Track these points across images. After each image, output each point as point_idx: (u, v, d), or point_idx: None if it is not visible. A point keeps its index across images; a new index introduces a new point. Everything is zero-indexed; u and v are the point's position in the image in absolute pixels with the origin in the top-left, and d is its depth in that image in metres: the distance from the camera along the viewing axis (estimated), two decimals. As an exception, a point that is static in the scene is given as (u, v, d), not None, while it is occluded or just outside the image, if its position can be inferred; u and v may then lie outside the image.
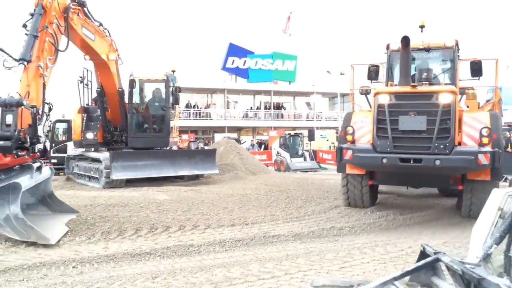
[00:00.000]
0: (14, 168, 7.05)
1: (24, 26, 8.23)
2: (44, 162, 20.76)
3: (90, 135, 13.68)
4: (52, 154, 19.86)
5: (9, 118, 7.19)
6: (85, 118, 13.86)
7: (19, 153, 7.08)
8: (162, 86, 14.29)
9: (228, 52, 44.43)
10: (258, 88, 45.29)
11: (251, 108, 47.40)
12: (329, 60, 46.39)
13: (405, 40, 7.82)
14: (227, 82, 45.64)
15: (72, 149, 17.33)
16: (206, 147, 26.07)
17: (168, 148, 14.81)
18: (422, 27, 9.22)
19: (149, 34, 70.61)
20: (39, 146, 8.10)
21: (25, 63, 7.70)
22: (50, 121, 21.65)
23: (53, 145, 20.13)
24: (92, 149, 14.38)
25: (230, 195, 11.05)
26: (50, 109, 23.57)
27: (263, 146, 32.89)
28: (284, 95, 48.92)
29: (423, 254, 3.04)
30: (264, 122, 44.90)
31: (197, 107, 43.68)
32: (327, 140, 31.93)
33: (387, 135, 7.77)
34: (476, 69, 8.84)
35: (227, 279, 5.21)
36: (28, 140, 7.29)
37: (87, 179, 13.92)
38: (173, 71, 15.55)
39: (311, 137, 26.50)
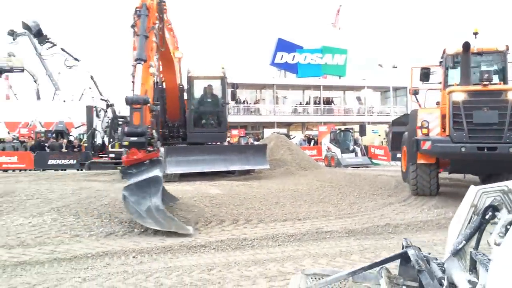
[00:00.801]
0: (145, 162, 7.41)
1: (133, 27, 8.67)
2: (102, 157, 21.71)
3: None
4: (109, 149, 20.74)
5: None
6: None
7: (149, 149, 7.45)
8: (219, 83, 14.55)
9: (276, 47, 44.35)
10: (307, 83, 44.94)
11: (300, 103, 47.13)
12: (381, 53, 45.23)
13: (466, 46, 9.05)
14: (276, 78, 45.60)
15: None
16: (256, 143, 26.27)
17: (219, 143, 15.06)
18: (475, 33, 10.06)
19: (199, 31, 71.85)
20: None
21: (142, 62, 8.07)
22: (109, 117, 22.71)
23: (111, 140, 21.00)
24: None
25: (281, 190, 11.07)
26: (108, 106, 24.78)
27: (312, 142, 32.63)
28: (334, 89, 48.21)
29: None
30: (313, 117, 44.52)
31: (247, 103, 43.99)
32: (379, 135, 31.18)
33: (462, 128, 8.77)
34: None
35: (281, 273, 5.23)
36: (155, 135, 7.74)
37: (142, 173, 14.40)
38: (222, 68, 15.76)
39: (362, 132, 25.97)
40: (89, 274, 5.08)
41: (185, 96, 14.63)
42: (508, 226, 2.44)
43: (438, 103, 11.08)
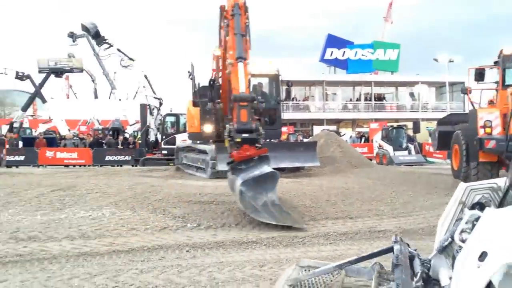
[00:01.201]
0: (254, 158, 7.61)
1: (227, 26, 9.08)
2: (155, 153, 22.38)
3: (208, 128, 13.96)
4: (162, 146, 21.34)
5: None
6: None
7: (257, 145, 7.72)
8: (273, 80, 14.61)
9: (326, 43, 43.83)
10: (358, 79, 44.08)
11: (350, 100, 46.31)
12: (436, 47, 43.57)
13: None
14: (326, 74, 45.07)
15: (180, 141, 18.45)
16: (305, 140, 26.10)
17: (269, 140, 15.09)
18: None
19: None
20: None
21: (242, 61, 8.44)
22: (161, 115, 23.39)
23: (163, 137, 21.61)
24: (198, 141, 15.16)
25: (332, 187, 10.94)
26: (160, 104, 25.44)
27: (363, 139, 31.99)
28: (386, 85, 46.99)
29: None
30: (364, 114, 43.64)
31: (296, 100, 43.78)
32: (434, 132, 30.05)
33: None
34: None
35: (333, 272, 5.18)
36: (263, 132, 8.07)
37: (194, 169, 14.73)
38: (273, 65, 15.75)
39: (416, 129, 25.15)
40: (145, 266, 5.26)
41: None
42: (475, 222, 2.51)
43: (491, 102, 11.49)
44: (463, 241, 2.57)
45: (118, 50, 23.17)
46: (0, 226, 7.14)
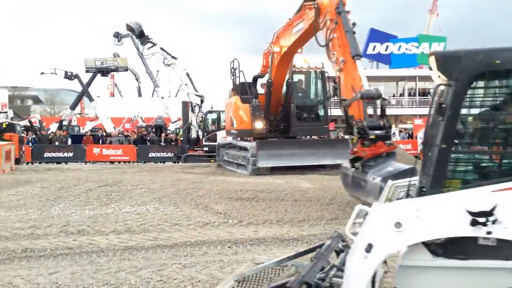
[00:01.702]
0: (382, 155, 7.65)
1: (336, 23, 9.12)
2: (197, 150, 22.67)
3: (259, 125, 13.96)
4: (204, 143, 21.61)
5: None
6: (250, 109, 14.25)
7: (387, 142, 7.76)
8: (320, 76, 14.55)
9: (368, 38, 42.87)
10: (401, 74, 42.93)
11: (393, 95, 45.20)
12: (484, 40, 41.75)
13: None
14: (368, 69, 44.18)
15: (221, 138, 18.62)
16: (347, 136, 25.69)
17: (309, 137, 14.99)
18: None
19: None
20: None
21: (360, 58, 8.66)
22: (202, 112, 23.67)
23: (205, 134, 21.87)
24: (239, 138, 15.24)
25: (374, 185, 10.72)
26: (202, 101, 25.64)
27: (407, 135, 31.13)
28: (431, 80, 45.49)
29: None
30: (408, 110, 42.46)
31: (337, 96, 43.21)
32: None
33: None
34: None
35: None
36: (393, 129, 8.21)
37: (235, 166, 14.84)
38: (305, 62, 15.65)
39: (463, 125, 24.19)
40: (188, 261, 5.36)
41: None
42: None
43: None
44: (354, 234, 2.76)
45: (161, 49, 23.61)
46: (51, 220, 7.47)
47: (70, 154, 21.28)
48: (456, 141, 2.78)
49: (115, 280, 4.69)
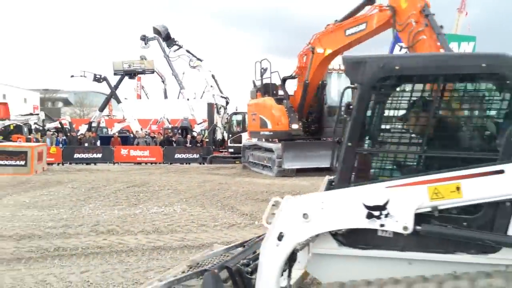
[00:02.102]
0: None
1: (426, 25, 9.50)
2: (222, 151, 22.81)
3: (295, 126, 13.96)
4: (229, 144, 21.73)
5: None
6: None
7: None
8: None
9: (395, 39, 42.25)
10: (429, 74, 42.12)
11: (421, 96, 44.39)
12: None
13: None
14: (395, 70, 43.52)
15: (246, 139, 18.68)
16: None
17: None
18: None
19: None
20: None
21: None
22: (227, 113, 23.81)
23: (230, 135, 21.98)
24: (263, 139, 15.26)
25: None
26: (227, 103, 25.72)
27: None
28: (460, 80, 44.50)
29: None
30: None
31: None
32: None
33: None
34: None
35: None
36: None
37: (260, 167, 14.87)
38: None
39: None
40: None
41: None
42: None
43: None
44: (269, 224, 2.97)
45: (187, 51, 23.86)
46: (82, 219, 7.66)
47: (99, 155, 21.70)
48: (361, 140, 2.99)
49: (144, 280, 4.77)
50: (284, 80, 14.75)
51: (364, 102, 2.91)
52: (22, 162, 15.07)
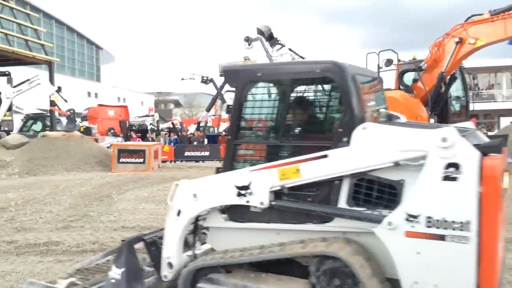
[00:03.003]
0: None
1: None
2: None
3: (432, 120, 13.44)
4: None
5: None
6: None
7: None
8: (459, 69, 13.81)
9: None
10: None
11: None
12: None
13: None
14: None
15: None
16: (490, 133, 23.27)
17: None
18: None
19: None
20: None
21: None
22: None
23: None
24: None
25: None
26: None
27: None
28: None
29: None
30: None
31: (478, 89, 39.31)
32: None
33: None
34: None
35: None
36: None
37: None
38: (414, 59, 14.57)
39: None
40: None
41: None
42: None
43: None
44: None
45: (290, 49, 24.02)
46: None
47: (207, 153, 22.87)
48: (237, 133, 3.68)
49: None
50: (402, 73, 14.27)
51: (238, 102, 3.63)
52: (141, 160, 16.46)
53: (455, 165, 2.79)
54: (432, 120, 13.13)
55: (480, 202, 2.73)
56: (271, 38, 26.20)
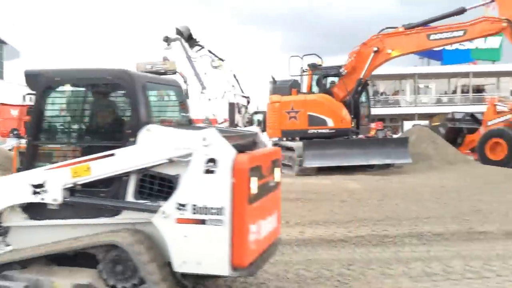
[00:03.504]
0: None
1: None
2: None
3: (352, 123, 14.22)
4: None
5: None
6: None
7: None
8: None
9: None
10: (454, 71, 41.23)
11: (445, 93, 43.56)
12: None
13: None
14: (418, 66, 42.80)
15: (268, 139, 18.68)
16: (394, 136, 25.04)
17: (355, 136, 14.75)
18: None
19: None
20: None
21: None
22: (249, 113, 23.83)
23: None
24: (284, 138, 15.21)
25: (424, 185, 10.42)
26: (248, 102, 25.69)
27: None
28: (486, 76, 43.41)
29: None
30: (460, 108, 40.70)
31: (385, 94, 42.20)
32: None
33: None
34: None
35: (427, 274, 4.95)
36: None
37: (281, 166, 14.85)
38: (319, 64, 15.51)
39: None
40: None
41: None
42: None
43: None
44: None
45: (209, 51, 23.94)
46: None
47: None
48: (36, 135, 3.81)
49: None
50: (324, 77, 14.94)
51: (37, 104, 3.78)
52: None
53: (213, 160, 3.29)
54: (353, 123, 13.88)
55: (233, 191, 3.24)
56: (190, 39, 25.88)
